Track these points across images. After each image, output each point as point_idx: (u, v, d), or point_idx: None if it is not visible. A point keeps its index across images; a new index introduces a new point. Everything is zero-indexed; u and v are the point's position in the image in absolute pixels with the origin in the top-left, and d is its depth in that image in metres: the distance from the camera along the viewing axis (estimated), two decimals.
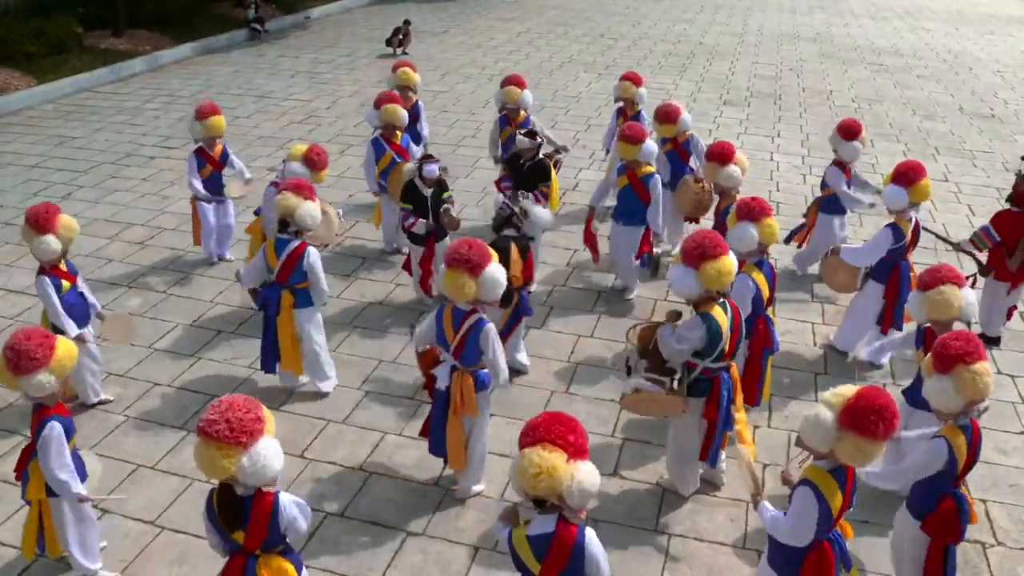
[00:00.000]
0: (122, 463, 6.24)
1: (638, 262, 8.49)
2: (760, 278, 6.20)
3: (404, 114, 9.19)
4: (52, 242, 6.16)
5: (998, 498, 6.10)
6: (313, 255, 6.61)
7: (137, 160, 12.72)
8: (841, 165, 8.71)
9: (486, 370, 5.63)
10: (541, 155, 8.90)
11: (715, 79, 18.28)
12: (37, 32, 17.06)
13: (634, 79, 10.37)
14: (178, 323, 8.24)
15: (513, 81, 10.03)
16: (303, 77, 17.99)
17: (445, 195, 8.15)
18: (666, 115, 9.19)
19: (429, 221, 8.02)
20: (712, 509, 5.96)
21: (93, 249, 9.70)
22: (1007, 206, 7.85)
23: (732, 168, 7.53)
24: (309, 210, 6.52)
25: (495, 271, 5.33)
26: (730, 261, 5.30)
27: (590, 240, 8.58)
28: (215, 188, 9.14)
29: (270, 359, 6.90)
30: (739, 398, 5.77)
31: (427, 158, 8.12)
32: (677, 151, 9.40)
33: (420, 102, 10.53)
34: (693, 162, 9.38)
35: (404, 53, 20.30)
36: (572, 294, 8.87)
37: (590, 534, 3.73)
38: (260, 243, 8.23)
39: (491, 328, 5.45)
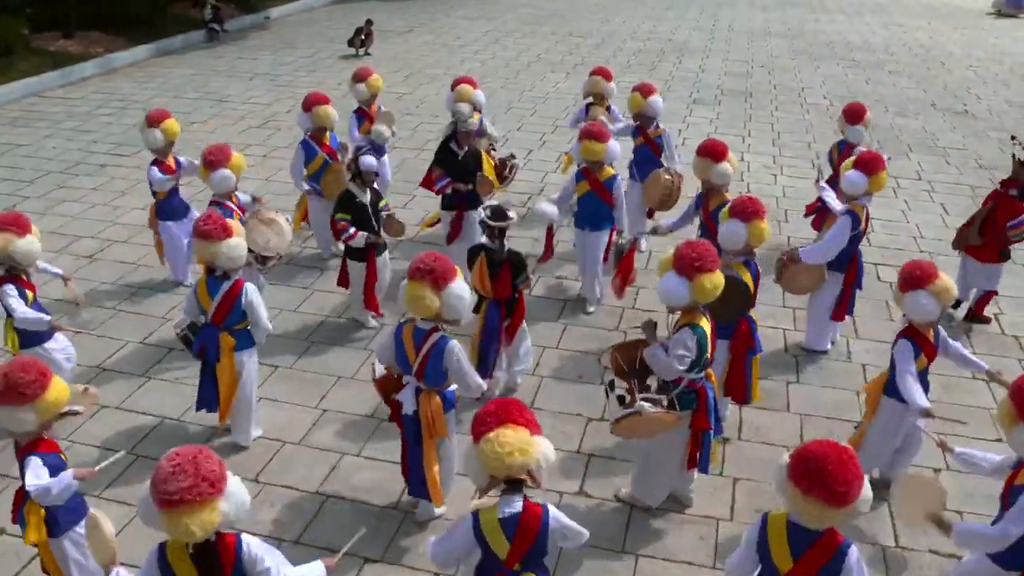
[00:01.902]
0: None
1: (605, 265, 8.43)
2: (747, 277, 6.23)
3: (335, 115, 9.23)
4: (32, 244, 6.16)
5: (973, 509, 6.09)
6: (251, 292, 6.17)
7: (87, 168, 12.49)
8: (850, 149, 9.05)
9: (452, 387, 5.53)
10: (496, 158, 8.89)
11: (685, 77, 18.30)
12: None
13: (604, 74, 10.42)
14: (128, 341, 8.08)
15: (464, 80, 10.11)
16: (262, 79, 17.79)
17: (381, 203, 7.94)
18: (644, 89, 9.33)
19: (369, 234, 7.68)
20: (680, 527, 5.90)
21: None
22: (1005, 190, 8.29)
23: (724, 165, 7.49)
24: (229, 249, 6.01)
25: (460, 287, 5.23)
26: (721, 275, 5.32)
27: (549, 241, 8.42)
28: (178, 202, 8.87)
29: (210, 403, 6.42)
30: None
31: (360, 150, 7.92)
32: (649, 145, 9.43)
33: (381, 105, 10.52)
34: (664, 159, 9.43)
35: (367, 54, 20.14)
36: (537, 303, 8.78)
37: (552, 509, 4.06)
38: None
39: (455, 345, 5.35)
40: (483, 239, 6.87)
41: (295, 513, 5.96)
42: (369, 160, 7.69)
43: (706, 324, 5.39)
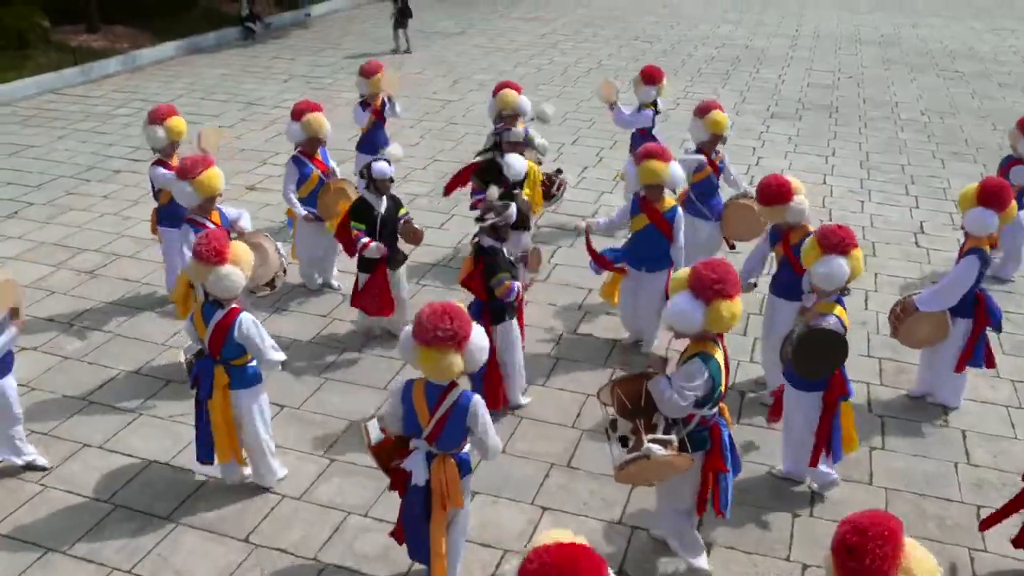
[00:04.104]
0: (30, 546, 5.77)
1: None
2: (844, 315, 5.96)
3: (328, 126, 8.96)
4: None
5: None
6: (246, 324, 5.85)
7: (99, 174, 12.46)
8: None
9: (466, 450, 5.14)
10: (543, 173, 8.81)
11: (762, 88, 17.82)
12: None
13: (655, 74, 10.48)
14: (121, 370, 7.85)
15: (507, 85, 9.90)
16: (298, 82, 17.73)
17: (400, 212, 7.96)
18: (707, 108, 8.83)
19: (381, 244, 7.69)
20: None
21: (34, 278, 9.37)
22: None
23: (795, 202, 6.99)
24: (217, 278, 5.74)
25: (478, 337, 4.86)
26: (740, 305, 5.10)
27: (595, 255, 8.06)
28: (182, 208, 8.65)
29: (204, 448, 6.20)
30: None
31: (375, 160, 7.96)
32: (715, 173, 8.90)
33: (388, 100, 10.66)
34: (725, 185, 9.06)
35: (406, 51, 20.31)
36: (582, 344, 8.37)
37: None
38: (187, 299, 7.37)
39: (479, 401, 4.95)
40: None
41: None
42: (382, 167, 7.71)
43: (719, 353, 5.14)
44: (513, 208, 6.83)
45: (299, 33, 22.71)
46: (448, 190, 9.41)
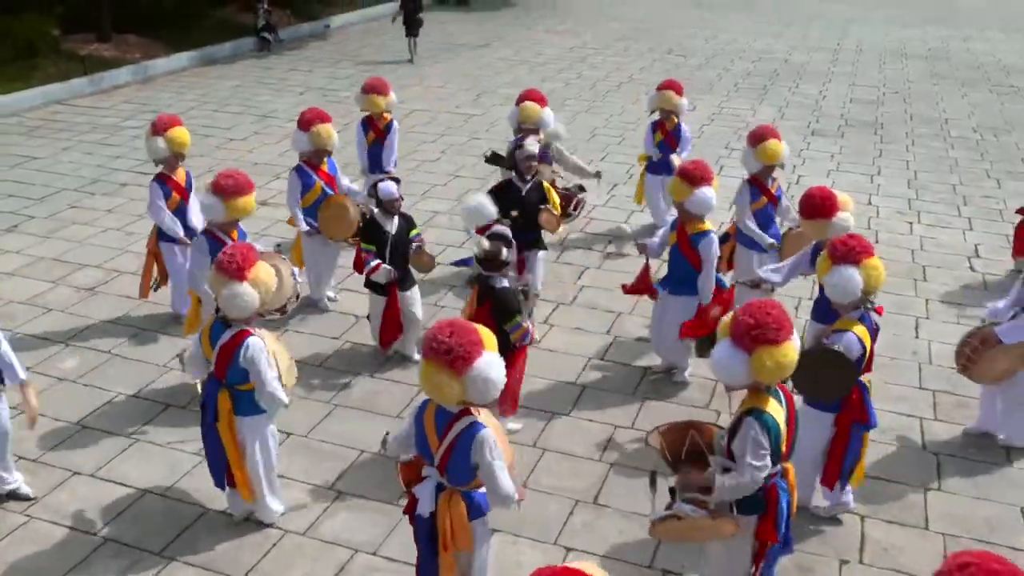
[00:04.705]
0: None
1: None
2: (864, 333, 5.81)
3: (336, 137, 8.94)
4: None
5: None
6: (253, 348, 5.63)
7: (104, 187, 12.39)
8: None
9: (482, 489, 4.84)
10: (560, 188, 8.69)
11: (802, 104, 17.61)
12: (4, 32, 16.94)
13: (676, 88, 10.53)
14: (119, 392, 7.67)
15: (531, 97, 9.78)
16: (314, 94, 17.69)
17: (413, 232, 7.93)
18: (761, 136, 8.40)
19: (391, 268, 7.69)
20: None
21: (30, 295, 9.25)
22: None
23: (840, 218, 6.80)
24: (232, 296, 5.52)
25: (486, 365, 4.48)
26: (793, 349, 4.67)
27: (646, 281, 7.85)
28: (183, 222, 8.53)
29: (218, 473, 6.03)
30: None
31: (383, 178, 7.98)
32: (772, 205, 8.51)
33: (395, 121, 10.35)
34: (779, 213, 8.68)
35: (412, 56, 20.37)
36: (611, 372, 8.11)
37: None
38: (196, 315, 7.52)
39: (488, 435, 4.63)
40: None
41: None
42: (388, 187, 7.71)
43: (772, 404, 4.74)
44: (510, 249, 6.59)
45: (317, 45, 22.74)
46: None
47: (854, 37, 25.03)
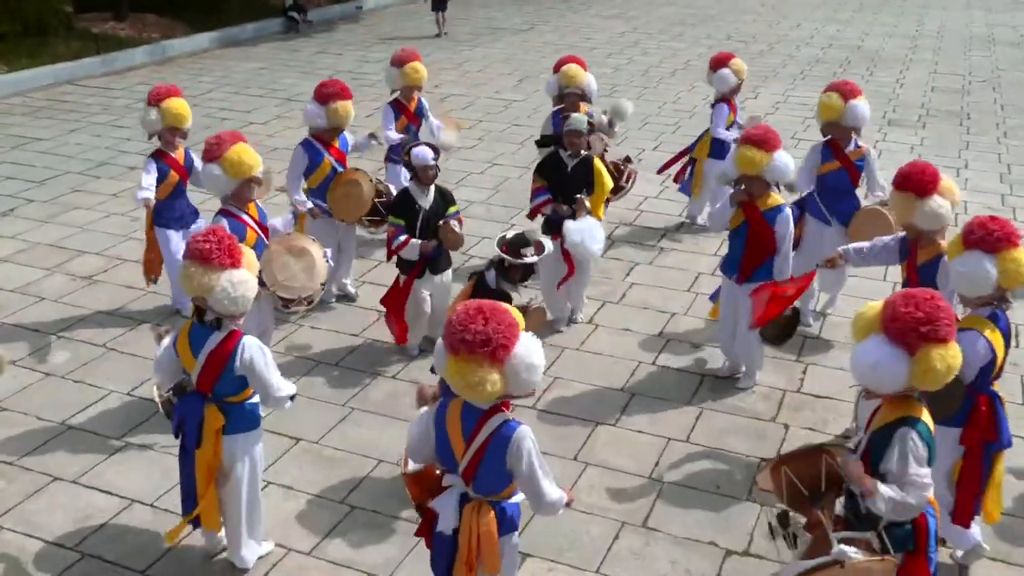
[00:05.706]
0: None
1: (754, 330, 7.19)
2: (997, 338, 5.28)
3: (353, 116, 8.51)
4: None
5: None
6: (252, 349, 5.06)
7: (111, 170, 12.31)
8: None
9: (515, 499, 4.42)
10: (608, 162, 8.48)
11: (878, 93, 17.13)
12: (13, 8, 16.98)
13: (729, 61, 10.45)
14: (111, 391, 7.41)
15: (571, 60, 9.52)
16: (343, 78, 17.27)
17: (451, 210, 7.66)
18: (845, 90, 8.20)
19: (424, 242, 7.43)
20: None
21: (23, 283, 9.08)
22: None
23: (934, 202, 6.15)
24: (230, 286, 4.92)
25: (526, 349, 4.06)
26: (959, 352, 4.26)
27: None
28: (183, 205, 8.30)
29: (192, 500, 5.39)
30: None
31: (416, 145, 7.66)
32: (848, 171, 8.20)
33: (423, 99, 9.99)
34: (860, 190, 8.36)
35: (437, 34, 20.51)
36: (663, 378, 7.72)
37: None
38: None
39: (526, 435, 4.20)
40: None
41: None
42: (422, 152, 7.35)
43: (927, 415, 4.35)
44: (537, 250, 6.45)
45: (348, 27, 22.73)
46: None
47: (934, 23, 24.68)
